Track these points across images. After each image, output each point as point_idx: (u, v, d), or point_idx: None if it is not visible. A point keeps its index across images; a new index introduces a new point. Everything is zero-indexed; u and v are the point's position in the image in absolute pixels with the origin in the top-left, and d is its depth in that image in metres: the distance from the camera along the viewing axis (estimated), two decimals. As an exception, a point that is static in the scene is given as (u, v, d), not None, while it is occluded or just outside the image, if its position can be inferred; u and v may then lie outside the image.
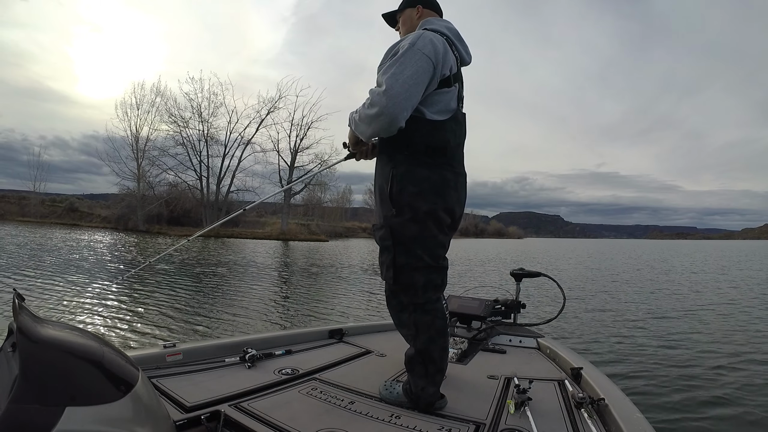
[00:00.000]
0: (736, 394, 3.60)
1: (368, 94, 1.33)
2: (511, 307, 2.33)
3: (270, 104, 38.58)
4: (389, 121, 1.27)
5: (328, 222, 50.04)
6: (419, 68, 1.29)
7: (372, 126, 1.32)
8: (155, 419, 0.92)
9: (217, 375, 1.55)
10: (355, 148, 1.65)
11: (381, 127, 1.30)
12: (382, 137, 1.43)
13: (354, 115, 1.41)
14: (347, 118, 1.49)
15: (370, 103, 1.30)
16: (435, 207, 1.38)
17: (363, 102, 1.36)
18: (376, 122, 1.29)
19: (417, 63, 1.29)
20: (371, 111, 1.29)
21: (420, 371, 1.41)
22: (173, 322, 5.56)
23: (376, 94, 1.29)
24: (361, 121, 1.35)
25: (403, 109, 1.27)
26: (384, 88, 1.26)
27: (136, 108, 37.76)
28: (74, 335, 0.91)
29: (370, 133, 1.35)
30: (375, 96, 1.29)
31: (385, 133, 1.33)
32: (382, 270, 1.46)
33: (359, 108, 1.37)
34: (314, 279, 11.14)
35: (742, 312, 7.69)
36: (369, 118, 1.30)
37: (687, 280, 13.52)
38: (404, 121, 1.29)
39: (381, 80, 1.30)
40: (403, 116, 1.28)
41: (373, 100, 1.29)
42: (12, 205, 45.12)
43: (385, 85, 1.27)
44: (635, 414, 1.29)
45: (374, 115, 1.28)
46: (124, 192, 38.41)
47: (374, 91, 1.31)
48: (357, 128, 1.40)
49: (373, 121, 1.30)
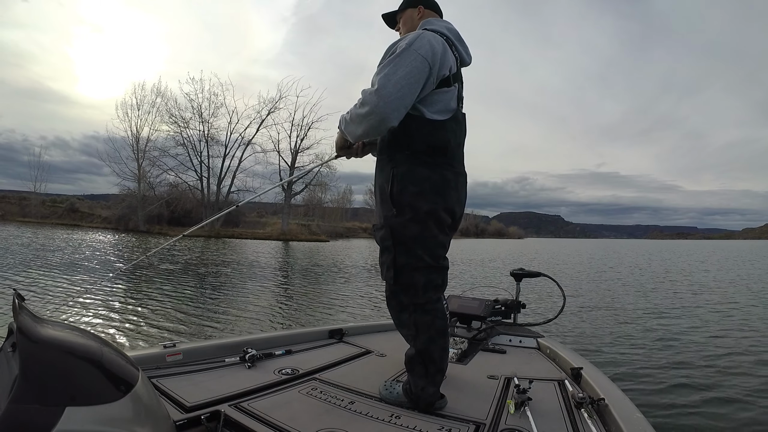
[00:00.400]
0: (736, 394, 3.60)
1: (360, 94, 1.33)
2: (511, 307, 2.33)
3: (270, 105, 38.72)
4: (379, 120, 1.27)
5: (329, 222, 50.02)
6: (413, 69, 1.29)
7: (362, 125, 1.31)
8: (155, 419, 0.92)
9: (217, 375, 1.55)
10: (340, 153, 1.65)
11: (371, 126, 1.30)
12: (382, 137, 1.43)
13: (345, 115, 1.40)
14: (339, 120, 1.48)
15: (362, 102, 1.29)
16: (436, 207, 1.38)
17: (354, 103, 1.35)
18: (366, 121, 1.29)
19: (411, 63, 1.29)
20: (362, 110, 1.29)
21: (420, 371, 1.41)
22: (173, 322, 5.57)
23: (367, 93, 1.29)
24: (351, 120, 1.35)
25: (394, 109, 1.27)
26: (375, 88, 1.26)
27: (137, 108, 37.84)
28: (74, 335, 0.91)
29: (361, 132, 1.35)
30: (366, 95, 1.29)
31: (375, 133, 1.33)
32: (382, 270, 1.46)
33: (351, 108, 1.37)
34: (315, 279, 11.15)
35: (743, 312, 7.69)
36: (359, 117, 1.30)
37: (687, 280, 13.51)
38: (396, 121, 1.29)
39: (374, 80, 1.30)
40: (395, 116, 1.28)
41: (364, 99, 1.29)
42: (13, 205, 45.16)
43: (377, 84, 1.27)
44: (635, 414, 1.29)
45: (365, 114, 1.28)
46: (125, 192, 38.44)
47: (366, 90, 1.31)
48: (347, 128, 1.39)
49: (363, 120, 1.30)
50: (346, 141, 1.55)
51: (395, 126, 1.30)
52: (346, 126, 1.39)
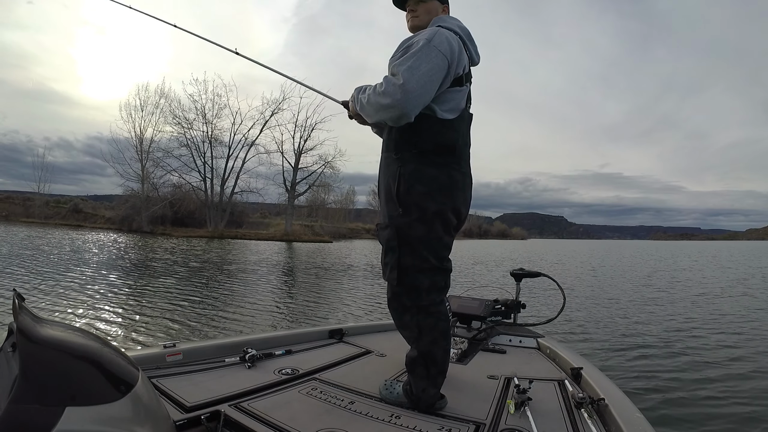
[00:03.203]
0: (737, 393, 3.58)
1: (383, 80, 1.29)
2: (511, 307, 2.33)
3: (274, 106, 38.77)
4: (399, 115, 1.26)
5: (332, 223, 50.05)
6: (435, 65, 1.27)
7: (380, 114, 1.30)
8: (155, 419, 0.92)
9: (217, 375, 1.56)
10: (351, 118, 1.58)
11: (389, 118, 1.29)
12: (390, 133, 1.42)
13: (362, 96, 1.37)
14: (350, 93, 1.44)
15: (384, 92, 1.26)
16: (443, 207, 1.36)
17: (374, 85, 1.32)
18: (386, 112, 1.28)
19: (433, 60, 1.27)
20: (384, 100, 1.26)
21: (422, 373, 1.40)
22: (174, 322, 5.58)
23: (391, 84, 1.25)
24: (369, 104, 1.33)
25: (417, 105, 1.26)
26: (401, 82, 1.23)
27: (141, 109, 38.03)
28: (74, 335, 0.92)
29: (376, 119, 1.34)
30: (390, 86, 1.25)
31: (391, 124, 1.33)
32: (385, 271, 1.44)
33: (369, 90, 1.34)
34: (317, 280, 11.15)
35: (744, 312, 7.64)
36: (379, 106, 1.28)
37: (688, 279, 13.45)
38: (413, 117, 1.28)
39: (396, 71, 1.26)
40: (415, 112, 1.27)
41: (387, 89, 1.26)
42: (17, 206, 45.45)
43: (402, 78, 1.24)
44: (635, 414, 1.29)
45: (386, 105, 1.26)
46: (129, 193, 38.60)
47: (390, 80, 1.27)
48: (362, 109, 1.37)
49: (382, 110, 1.28)
50: (357, 112, 1.48)
51: (411, 121, 1.29)
52: (362, 108, 1.37)
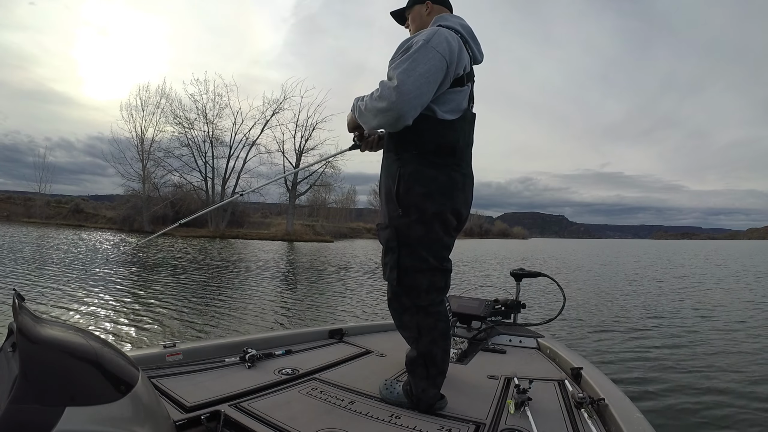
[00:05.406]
0: (737, 394, 3.58)
1: (378, 85, 1.30)
2: (511, 307, 2.33)
3: (275, 105, 38.81)
4: (396, 118, 1.25)
5: (333, 223, 50.08)
6: (432, 66, 1.27)
7: (377, 119, 1.30)
8: (155, 419, 0.92)
9: (217, 375, 1.56)
10: (352, 131, 1.62)
11: (387, 122, 1.28)
12: (391, 134, 1.41)
13: (360, 103, 1.37)
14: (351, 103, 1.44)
15: (379, 96, 1.27)
16: (443, 209, 1.36)
17: (371, 91, 1.32)
18: (383, 116, 1.27)
19: (430, 61, 1.26)
20: (380, 104, 1.26)
21: (421, 373, 1.40)
22: (174, 322, 5.59)
23: (386, 87, 1.25)
24: (367, 111, 1.32)
25: (413, 107, 1.25)
26: (395, 84, 1.23)
27: (141, 110, 38.07)
28: (74, 335, 0.92)
29: (375, 125, 1.33)
30: (385, 89, 1.25)
31: (389, 128, 1.32)
32: (384, 271, 1.44)
33: (366, 97, 1.34)
34: (318, 279, 11.15)
35: (745, 312, 7.63)
36: (376, 110, 1.28)
37: (688, 280, 13.42)
38: (412, 119, 1.27)
39: (392, 74, 1.27)
40: (412, 114, 1.26)
41: (382, 93, 1.26)
42: (18, 206, 45.52)
43: (396, 80, 1.24)
44: (635, 414, 1.29)
45: (382, 109, 1.26)
46: (130, 193, 38.63)
47: (385, 84, 1.27)
48: (361, 117, 1.37)
49: (379, 114, 1.28)
50: (357, 124, 1.49)
51: (410, 124, 1.28)
52: (360, 115, 1.37)
